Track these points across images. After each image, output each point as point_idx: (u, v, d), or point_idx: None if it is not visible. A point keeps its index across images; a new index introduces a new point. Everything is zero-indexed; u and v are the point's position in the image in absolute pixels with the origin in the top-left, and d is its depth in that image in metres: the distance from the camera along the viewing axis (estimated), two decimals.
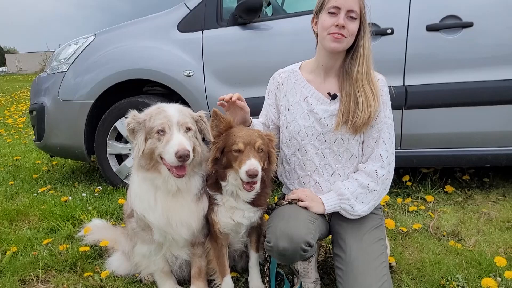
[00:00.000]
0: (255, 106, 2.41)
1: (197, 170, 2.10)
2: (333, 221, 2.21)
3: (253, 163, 1.89)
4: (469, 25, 3.21)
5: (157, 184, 2.02)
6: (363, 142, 2.17)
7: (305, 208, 2.10)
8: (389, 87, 2.20)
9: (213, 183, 2.11)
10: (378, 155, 2.12)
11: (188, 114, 2.03)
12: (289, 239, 1.91)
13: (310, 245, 1.94)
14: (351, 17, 2.01)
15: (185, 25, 3.68)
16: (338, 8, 2.00)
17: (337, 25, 2.00)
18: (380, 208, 2.30)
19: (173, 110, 1.99)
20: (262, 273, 2.35)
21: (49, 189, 4.07)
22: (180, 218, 2.04)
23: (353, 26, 2.02)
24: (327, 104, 2.15)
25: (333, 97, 2.14)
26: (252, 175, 1.87)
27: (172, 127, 1.93)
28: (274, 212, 2.16)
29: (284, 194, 2.38)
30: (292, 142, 2.22)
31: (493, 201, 3.49)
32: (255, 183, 1.95)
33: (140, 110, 2.08)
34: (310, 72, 2.24)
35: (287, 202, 2.16)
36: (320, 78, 2.20)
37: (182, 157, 1.84)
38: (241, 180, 1.95)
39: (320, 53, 2.17)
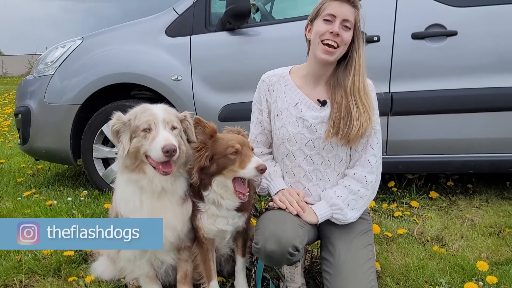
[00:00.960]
0: (243, 112, 2.42)
1: (182, 171, 2.10)
2: (322, 226, 2.21)
3: (259, 159, 1.94)
4: (454, 33, 3.27)
5: (142, 185, 2.02)
6: (350, 147, 2.19)
7: (296, 215, 2.10)
8: (377, 93, 2.22)
9: (196, 191, 2.11)
10: (367, 160, 2.14)
11: (173, 113, 2.05)
12: (277, 242, 1.92)
13: (297, 250, 1.95)
14: (346, 27, 2.03)
15: (174, 30, 3.68)
16: (334, 16, 2.02)
17: (331, 33, 2.02)
18: (368, 213, 2.32)
19: (158, 108, 2.02)
20: (248, 278, 2.35)
21: (34, 193, 4.02)
22: (165, 220, 2.04)
23: (347, 36, 2.04)
24: (317, 111, 2.15)
25: (323, 103, 2.15)
26: (263, 169, 1.92)
27: (158, 125, 1.94)
28: (264, 215, 2.16)
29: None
30: (281, 148, 2.23)
31: (476, 207, 3.54)
32: (248, 191, 1.99)
33: (126, 113, 2.08)
34: (300, 78, 2.24)
35: (277, 207, 2.16)
36: (309, 85, 2.21)
37: (169, 152, 1.85)
38: (233, 184, 1.99)
39: (311, 60, 2.18)
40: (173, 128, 1.99)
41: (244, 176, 1.96)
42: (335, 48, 2.04)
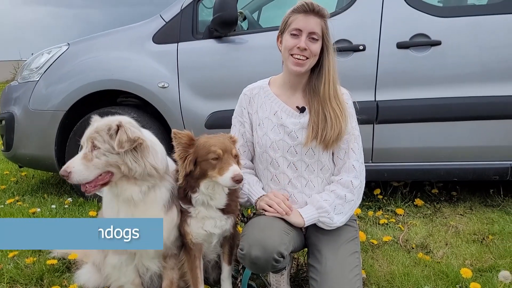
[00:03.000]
0: (230, 119, 2.42)
1: (155, 182, 2.03)
2: (309, 233, 2.23)
3: (237, 169, 1.92)
4: (437, 43, 3.32)
5: (115, 193, 2.03)
6: (333, 154, 2.22)
7: (282, 218, 2.10)
8: (354, 102, 2.26)
9: (183, 197, 2.10)
10: (351, 165, 2.17)
11: (104, 129, 1.94)
12: (262, 248, 1.93)
13: (283, 256, 1.96)
14: (313, 38, 2.07)
15: (161, 37, 3.68)
16: (300, 30, 2.07)
17: (298, 48, 2.06)
18: (355, 220, 2.34)
19: (93, 125, 1.98)
20: (234, 286, 2.35)
21: (17, 201, 3.96)
22: None
23: (315, 47, 2.08)
24: (296, 117, 2.19)
25: (302, 110, 2.19)
26: (239, 180, 1.90)
27: (84, 144, 1.95)
28: (250, 221, 2.17)
29: None
30: (264, 156, 2.25)
31: (461, 214, 3.58)
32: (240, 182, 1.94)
33: None
34: (278, 87, 2.28)
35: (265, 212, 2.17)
36: (287, 93, 2.25)
37: (64, 176, 1.88)
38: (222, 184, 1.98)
39: (286, 71, 2.22)
40: (95, 147, 1.92)
41: (221, 184, 1.96)
42: (304, 59, 2.08)
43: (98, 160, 1.91)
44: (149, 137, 2.07)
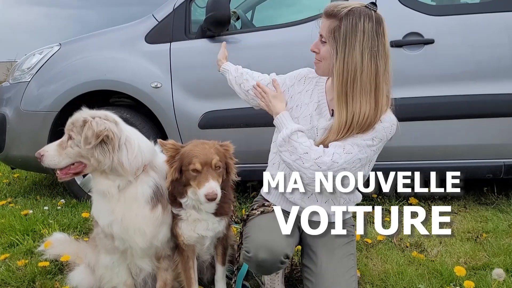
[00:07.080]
0: (223, 119, 2.41)
1: (128, 178, 2.00)
2: (305, 233, 2.21)
3: (211, 186, 1.88)
4: (431, 42, 3.32)
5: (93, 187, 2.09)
6: None
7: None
8: None
9: (174, 200, 2.09)
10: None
11: (78, 121, 1.97)
12: (270, 251, 1.93)
13: (288, 258, 1.98)
14: (321, 41, 2.01)
15: (153, 37, 3.66)
16: (320, 34, 2.01)
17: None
18: (353, 225, 2.32)
19: (73, 115, 2.03)
20: (229, 286, 2.33)
21: (9, 202, 3.93)
22: (132, 224, 2.01)
23: (323, 50, 2.00)
24: (326, 119, 2.11)
25: (333, 114, 2.12)
26: (211, 199, 1.88)
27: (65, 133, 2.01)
28: (251, 222, 2.16)
29: (256, 203, 2.36)
30: None
31: (455, 213, 3.58)
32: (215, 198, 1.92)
33: None
34: (329, 86, 2.20)
35: (259, 212, 2.18)
36: (331, 94, 2.15)
37: (37, 159, 1.96)
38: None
39: None
40: (71, 137, 1.98)
41: (199, 198, 1.94)
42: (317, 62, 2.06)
43: (71, 149, 1.95)
44: (128, 133, 2.03)
